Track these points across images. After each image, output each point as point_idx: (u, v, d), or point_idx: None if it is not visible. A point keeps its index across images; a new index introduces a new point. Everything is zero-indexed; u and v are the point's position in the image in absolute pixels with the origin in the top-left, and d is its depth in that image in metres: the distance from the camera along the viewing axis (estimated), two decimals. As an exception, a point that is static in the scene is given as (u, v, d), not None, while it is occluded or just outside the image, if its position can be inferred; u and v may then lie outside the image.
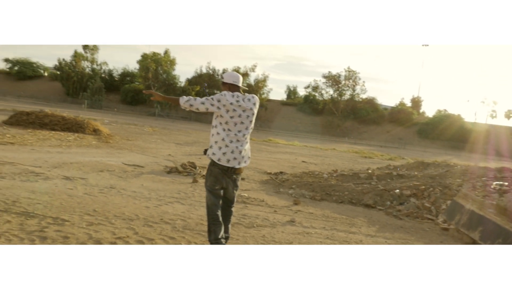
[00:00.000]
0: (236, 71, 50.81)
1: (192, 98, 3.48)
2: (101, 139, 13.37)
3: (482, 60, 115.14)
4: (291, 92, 65.77)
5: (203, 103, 3.42)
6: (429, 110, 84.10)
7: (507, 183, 7.02)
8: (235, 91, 3.53)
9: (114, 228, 4.16)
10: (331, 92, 53.88)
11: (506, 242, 4.17)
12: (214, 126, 3.51)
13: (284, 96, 65.91)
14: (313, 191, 7.37)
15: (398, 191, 7.11)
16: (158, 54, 50.70)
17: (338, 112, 52.46)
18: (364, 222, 5.70)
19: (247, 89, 3.67)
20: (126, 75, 58.56)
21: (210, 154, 3.50)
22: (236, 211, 5.20)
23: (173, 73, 51.66)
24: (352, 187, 7.51)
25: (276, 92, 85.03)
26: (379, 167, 11.98)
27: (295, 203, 6.42)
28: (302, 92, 60.75)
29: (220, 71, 52.35)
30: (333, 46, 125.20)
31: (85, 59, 55.51)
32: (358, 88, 53.06)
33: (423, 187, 7.19)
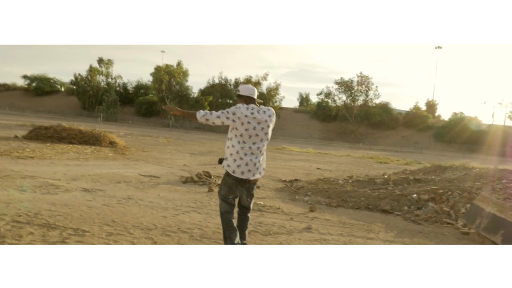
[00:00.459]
0: (248, 80, 51.25)
1: (208, 112, 3.54)
2: (117, 151, 13.59)
3: (498, 60, 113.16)
4: (304, 99, 65.77)
5: (219, 117, 3.48)
6: (444, 113, 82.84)
7: (528, 185, 6.86)
8: (250, 104, 3.56)
9: (133, 238, 4.22)
10: (344, 98, 53.65)
11: (530, 245, 4.07)
12: (230, 139, 3.56)
13: (296, 104, 65.97)
14: (329, 198, 7.33)
15: (416, 196, 7.01)
16: (171, 66, 51.44)
17: (351, 118, 52.14)
18: (381, 228, 5.64)
19: (261, 101, 3.70)
20: (140, 88, 59.54)
21: (225, 166, 3.55)
22: (252, 219, 5.21)
23: (186, 84, 52.28)
24: (368, 192, 7.45)
25: (288, 99, 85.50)
26: (395, 172, 11.84)
27: (311, 210, 6.39)
28: (314, 99, 60.77)
29: (232, 81, 52.75)
30: (344, 52, 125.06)
31: (100, 73, 56.73)
32: (371, 93, 52.72)
33: (441, 191, 7.08)
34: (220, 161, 11.53)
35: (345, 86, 52.64)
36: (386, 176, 9.64)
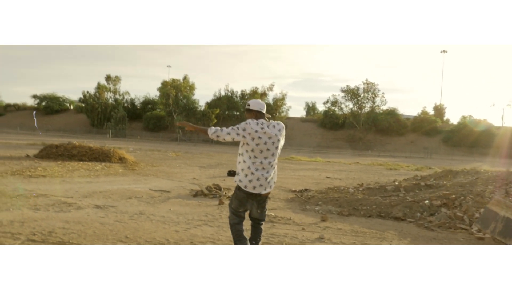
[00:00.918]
0: (254, 92, 51.48)
1: (219, 129, 3.58)
2: (127, 166, 13.70)
3: (505, 61, 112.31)
4: (310, 109, 65.85)
5: (229, 133, 3.51)
6: (453, 117, 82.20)
7: (542, 187, 6.76)
8: (260, 119, 3.59)
9: (146, 253, 4.24)
10: (351, 105, 53.61)
11: (547, 248, 4.00)
12: (241, 154, 3.59)
13: (303, 113, 66.09)
14: (340, 207, 7.30)
15: (428, 202, 6.95)
16: (178, 81, 52.00)
17: (359, 125, 51.99)
18: (395, 236, 5.59)
19: (270, 116, 3.74)
20: (147, 103, 60.21)
21: (236, 181, 3.58)
22: (264, 230, 5.20)
23: (192, 97, 52.74)
24: (380, 200, 7.40)
25: (295, 109, 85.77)
26: (405, 178, 11.75)
27: (323, 220, 6.37)
28: (321, 107, 60.71)
29: (239, 93, 53.07)
30: (349, 60, 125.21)
31: (108, 90, 57.54)
32: (377, 99, 52.66)
33: (454, 196, 7.01)
34: (229, 173, 11.54)
35: (351, 93, 52.64)
36: (397, 183, 9.57)
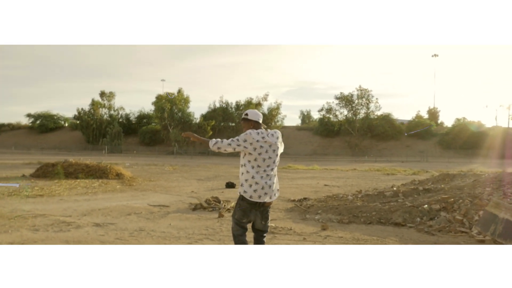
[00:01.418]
0: (249, 102, 51.64)
1: (220, 140, 3.63)
2: (124, 182, 13.65)
3: (496, 63, 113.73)
4: (305, 117, 66.12)
5: (230, 144, 3.57)
6: (447, 120, 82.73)
7: (539, 187, 6.82)
8: (258, 128, 3.65)
9: (148, 270, 4.21)
10: (345, 112, 53.92)
11: (548, 249, 4.02)
12: (243, 165, 3.61)
13: (298, 121, 66.34)
14: (340, 215, 7.30)
15: (427, 206, 6.97)
16: (172, 94, 52.13)
17: (354, 131, 52.21)
18: (396, 242, 5.60)
19: (265, 126, 3.80)
20: (142, 118, 60.24)
21: (241, 192, 3.58)
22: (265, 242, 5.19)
23: (187, 110, 52.83)
24: (379, 206, 7.41)
25: (290, 118, 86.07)
26: (403, 183, 11.79)
27: (323, 228, 6.36)
28: (316, 115, 61.03)
29: (233, 104, 53.23)
30: (342, 67, 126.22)
31: (102, 106, 57.53)
32: (372, 105, 53.02)
33: (452, 200, 7.04)
34: (227, 185, 11.51)
35: (345, 100, 52.99)
36: (395, 188, 9.59)
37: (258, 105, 52.24)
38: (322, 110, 55.60)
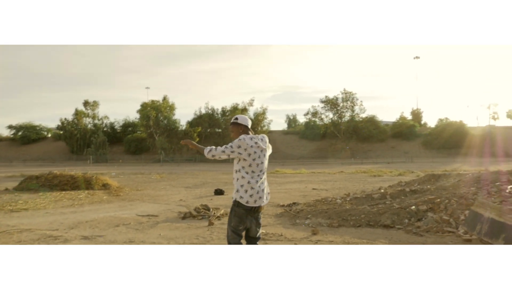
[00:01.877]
0: (235, 108, 51.63)
1: (213, 148, 3.65)
2: (111, 193, 13.46)
3: (476, 63, 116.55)
4: (291, 121, 66.43)
5: (223, 151, 3.59)
6: (430, 121, 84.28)
7: (521, 185, 6.99)
8: (247, 133, 3.69)
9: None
10: (331, 115, 54.41)
11: (532, 246, 4.13)
12: (238, 171, 3.62)
13: (285, 126, 66.57)
14: (329, 219, 7.35)
15: (414, 208, 7.08)
16: (157, 102, 51.79)
17: (340, 134, 52.70)
18: (386, 244, 5.66)
19: (253, 132, 3.82)
20: (127, 126, 59.63)
21: (237, 198, 3.58)
22: (256, 249, 5.19)
23: (173, 117, 52.51)
24: (368, 209, 7.49)
25: (276, 122, 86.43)
26: (390, 185, 11.94)
27: (314, 233, 6.40)
28: (302, 119, 61.43)
29: (219, 110, 53.17)
30: (326, 71, 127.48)
31: (86, 115, 56.76)
32: (356, 108, 53.64)
33: (439, 200, 7.17)
34: (216, 192, 11.42)
35: (330, 104, 53.49)
36: (382, 190, 9.71)
37: (244, 110, 52.29)
38: (307, 114, 56.05)
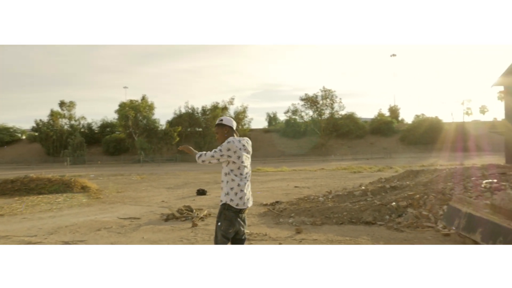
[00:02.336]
0: (215, 107, 51.37)
1: (203, 153, 3.65)
2: (91, 195, 13.20)
3: (450, 61, 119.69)
4: (272, 119, 66.60)
5: (213, 156, 3.59)
6: (407, 117, 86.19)
7: (495, 180, 7.25)
8: (232, 135, 3.69)
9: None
10: (311, 113, 54.87)
11: (507, 239, 4.30)
12: (227, 174, 3.61)
13: (265, 124, 66.66)
14: (312, 217, 7.43)
15: (395, 204, 7.24)
16: (136, 101, 50.99)
17: (320, 131, 53.21)
18: (368, 241, 5.77)
19: (238, 134, 3.82)
20: (105, 126, 58.49)
21: (228, 201, 3.56)
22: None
23: (152, 117, 51.82)
24: (350, 206, 7.61)
25: (257, 120, 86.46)
26: (371, 181, 12.15)
27: (298, 232, 6.45)
28: (282, 117, 61.67)
29: (199, 109, 52.80)
30: (305, 69, 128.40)
31: (62, 116, 55.35)
32: (336, 105, 54.24)
33: (418, 196, 7.35)
34: (198, 192, 11.33)
35: (310, 101, 53.93)
36: (363, 187, 9.88)
37: (225, 109, 52.15)
38: (288, 111, 56.38)
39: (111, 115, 73.50)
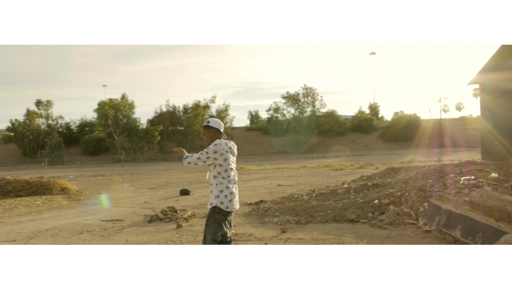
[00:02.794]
0: (197, 105, 50.96)
1: (189, 155, 3.66)
2: (71, 197, 12.93)
3: (428, 60, 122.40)
4: (254, 117, 66.62)
5: (199, 158, 3.59)
6: (387, 114, 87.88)
7: (473, 177, 7.48)
8: (219, 137, 3.69)
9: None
10: (293, 111, 55.16)
11: (485, 235, 4.45)
12: (215, 177, 3.61)
13: (247, 122, 66.59)
14: (297, 216, 7.49)
15: (377, 202, 7.37)
16: (116, 100, 50.11)
17: (302, 129, 53.57)
18: (352, 239, 5.87)
19: (226, 136, 3.82)
20: (84, 126, 57.24)
21: (218, 204, 3.56)
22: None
23: (133, 116, 51.01)
24: (333, 204, 7.71)
25: (239, 118, 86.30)
26: (353, 179, 12.33)
27: (283, 231, 6.50)
28: (264, 115, 61.77)
29: (181, 107, 52.31)
30: (286, 67, 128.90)
31: (39, 116, 53.87)
32: (317, 103, 54.71)
33: (399, 193, 7.51)
34: (182, 192, 11.28)
35: (292, 99, 54.21)
36: (346, 185, 10.02)
37: (206, 107, 51.85)
38: (270, 109, 56.48)
39: (90, 114, 72.08)
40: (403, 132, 51.69)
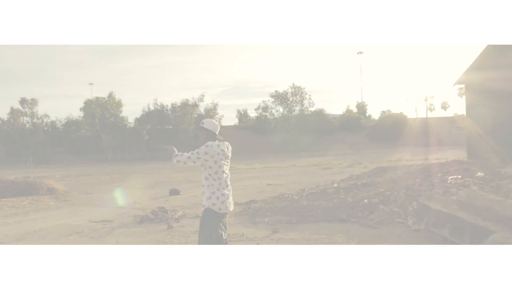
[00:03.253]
0: (185, 104, 50.66)
1: (179, 154, 3.63)
2: (58, 198, 12.75)
3: (414, 60, 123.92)
4: (243, 116, 66.53)
5: (189, 157, 3.57)
6: (374, 113, 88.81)
7: (460, 176, 7.63)
8: (213, 138, 3.68)
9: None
10: (281, 110, 55.30)
11: (473, 235, 4.55)
12: (206, 178, 3.61)
13: (236, 121, 66.44)
14: (288, 215, 7.53)
15: (367, 201, 7.47)
16: (103, 98, 49.52)
17: (291, 128, 53.74)
18: (343, 239, 5.93)
19: (221, 138, 3.82)
20: (71, 125, 56.34)
21: (210, 205, 3.56)
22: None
23: (120, 115, 50.47)
24: (324, 204, 7.78)
25: (227, 117, 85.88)
26: (343, 178, 12.44)
27: (274, 231, 6.53)
28: (253, 114, 61.73)
29: (169, 106, 51.94)
30: (275, 66, 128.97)
31: (23, 114, 52.88)
32: (305, 102, 54.93)
33: (388, 193, 7.62)
34: (171, 192, 11.23)
35: (280, 98, 54.34)
36: (336, 185, 10.11)
37: (195, 106, 51.58)
38: (258, 108, 56.47)
39: (76, 113, 70.87)
40: (390, 130, 52.27)
